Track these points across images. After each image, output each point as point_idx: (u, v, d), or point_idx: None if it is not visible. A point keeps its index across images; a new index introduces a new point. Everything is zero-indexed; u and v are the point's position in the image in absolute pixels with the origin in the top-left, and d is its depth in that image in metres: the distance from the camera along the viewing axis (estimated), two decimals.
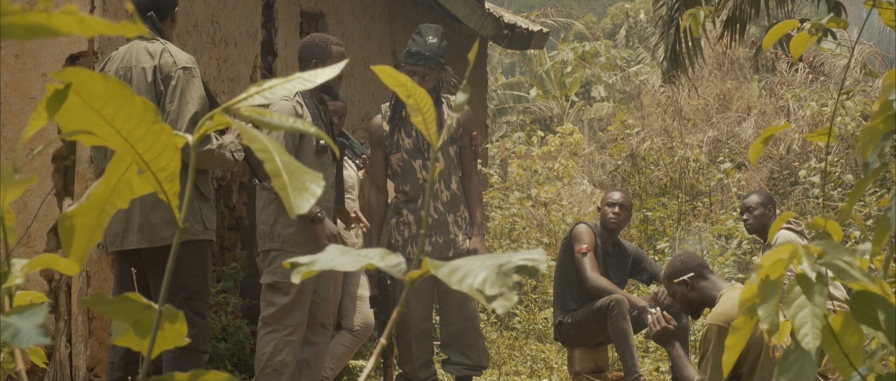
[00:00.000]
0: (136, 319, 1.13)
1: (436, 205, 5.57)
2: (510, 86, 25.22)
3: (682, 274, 4.59)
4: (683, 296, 4.65)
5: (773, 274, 1.30)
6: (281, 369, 4.99)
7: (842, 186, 9.56)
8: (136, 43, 4.48)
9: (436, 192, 5.57)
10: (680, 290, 4.63)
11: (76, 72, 1.04)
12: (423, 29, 5.52)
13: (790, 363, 1.28)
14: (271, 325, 4.99)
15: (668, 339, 4.83)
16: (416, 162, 5.55)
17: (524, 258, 1.12)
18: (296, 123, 1.11)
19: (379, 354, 1.21)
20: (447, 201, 5.61)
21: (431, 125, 1.19)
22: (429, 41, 5.42)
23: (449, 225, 5.61)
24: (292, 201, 1.05)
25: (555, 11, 27.25)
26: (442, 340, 5.74)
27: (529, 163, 13.72)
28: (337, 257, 1.14)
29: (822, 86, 11.27)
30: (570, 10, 30.82)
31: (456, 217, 5.64)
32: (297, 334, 5.00)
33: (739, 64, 14.62)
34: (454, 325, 5.62)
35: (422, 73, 5.40)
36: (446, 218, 5.60)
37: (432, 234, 5.57)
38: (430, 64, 5.40)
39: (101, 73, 1.05)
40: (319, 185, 1.07)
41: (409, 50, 5.45)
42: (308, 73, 1.13)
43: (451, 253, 5.58)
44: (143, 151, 1.07)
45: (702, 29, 3.51)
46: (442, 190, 5.60)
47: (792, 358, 1.28)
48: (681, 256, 4.72)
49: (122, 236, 4.43)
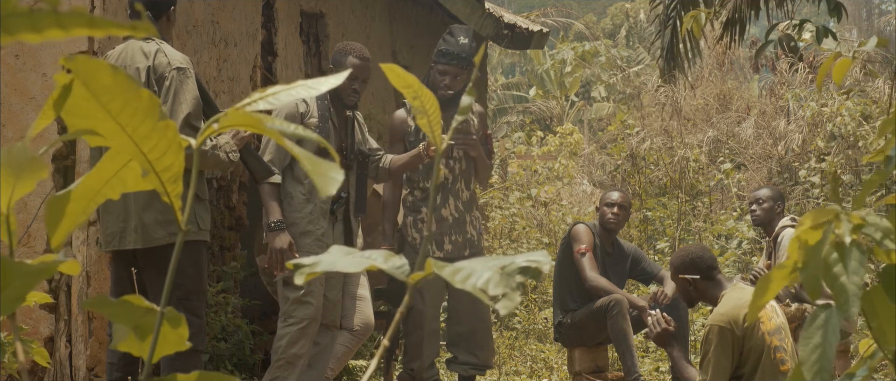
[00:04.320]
0: (137, 322, 1.13)
1: (456, 204, 5.62)
2: (510, 86, 25.23)
3: (689, 273, 4.59)
4: (685, 289, 4.66)
5: (811, 240, 1.29)
6: (294, 361, 5.05)
7: (841, 186, 9.56)
8: (132, 42, 4.47)
9: (456, 191, 5.62)
10: (682, 284, 4.64)
11: (85, 60, 1.03)
12: (455, 29, 5.56)
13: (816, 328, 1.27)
14: (286, 318, 5.07)
15: (667, 340, 4.83)
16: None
17: (528, 260, 1.12)
18: (296, 129, 1.11)
19: (381, 354, 1.21)
20: (466, 201, 5.66)
21: (437, 128, 1.19)
22: (461, 41, 5.46)
23: (466, 224, 5.66)
24: (319, 185, 1.05)
25: (555, 11, 27.27)
26: (449, 338, 5.75)
27: (529, 163, 13.72)
28: (340, 259, 1.14)
29: (822, 86, 11.26)
30: (570, 10, 30.84)
31: (472, 217, 5.69)
32: (311, 327, 5.07)
33: (739, 64, 14.63)
34: (465, 324, 5.65)
35: (454, 72, 5.44)
36: (465, 217, 5.65)
37: (452, 232, 5.62)
38: (462, 64, 5.44)
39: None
40: (339, 173, 1.07)
41: (441, 49, 5.48)
42: (313, 80, 1.13)
43: (468, 252, 5.61)
44: (147, 150, 1.06)
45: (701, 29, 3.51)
46: (462, 190, 5.65)
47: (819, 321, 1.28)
48: (694, 251, 4.69)
49: (119, 235, 4.42)
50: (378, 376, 6.36)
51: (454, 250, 5.60)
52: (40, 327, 5.36)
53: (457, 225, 5.62)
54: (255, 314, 6.57)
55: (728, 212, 10.14)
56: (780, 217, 6.34)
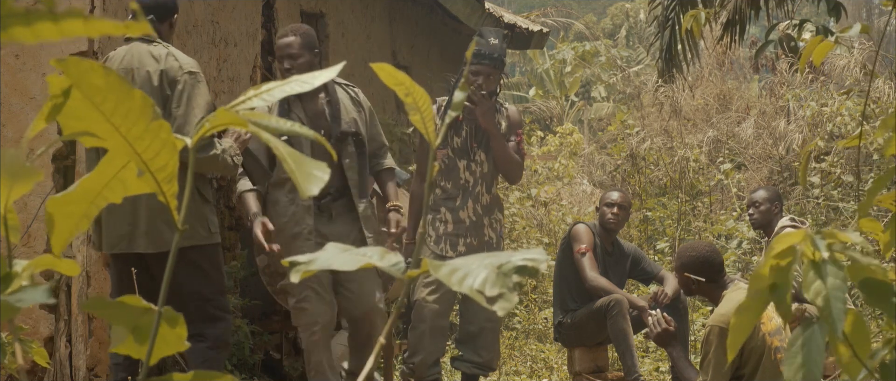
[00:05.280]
0: (136, 323, 1.13)
1: (476, 207, 5.67)
2: (510, 86, 25.22)
3: (697, 274, 4.59)
4: (686, 285, 4.67)
5: (783, 261, 1.30)
6: (319, 368, 5.06)
7: (841, 186, 9.56)
8: (137, 45, 4.45)
9: (476, 194, 5.67)
10: (686, 281, 4.64)
11: (77, 62, 1.03)
12: (485, 31, 5.68)
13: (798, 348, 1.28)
14: (297, 329, 5.17)
15: (668, 340, 4.83)
16: (461, 162, 5.66)
17: (524, 258, 1.12)
18: (294, 126, 1.11)
19: (377, 352, 1.21)
20: (486, 205, 5.70)
21: (429, 124, 1.19)
22: (491, 42, 5.60)
23: (484, 228, 5.70)
24: (301, 185, 1.05)
25: (555, 11, 27.26)
26: (459, 337, 5.78)
27: (529, 163, 13.71)
28: (335, 256, 1.14)
29: (822, 86, 11.27)
30: (570, 10, 30.82)
31: (491, 220, 5.72)
32: (319, 333, 5.02)
33: (739, 64, 14.63)
34: (474, 324, 5.69)
35: (487, 72, 5.58)
36: (483, 221, 5.70)
37: (468, 235, 5.66)
38: (495, 64, 5.59)
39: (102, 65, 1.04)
40: (325, 172, 1.07)
41: (477, 51, 5.58)
42: (307, 75, 1.13)
43: None
44: (141, 150, 1.07)
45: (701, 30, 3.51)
46: (483, 193, 5.69)
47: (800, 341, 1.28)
48: (704, 253, 4.65)
49: (127, 238, 4.42)
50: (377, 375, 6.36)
51: (468, 253, 5.61)
52: (40, 327, 5.36)
53: (473, 228, 5.66)
54: (255, 314, 6.58)
55: (728, 212, 10.14)
56: (778, 218, 6.33)
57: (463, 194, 5.66)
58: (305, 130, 1.09)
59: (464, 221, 5.64)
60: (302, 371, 6.51)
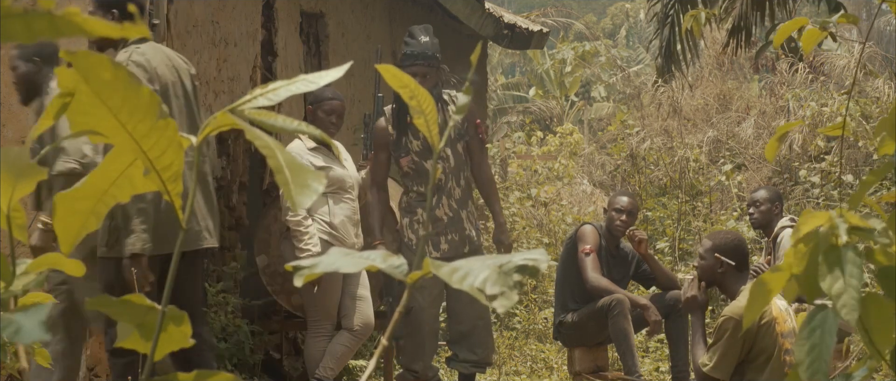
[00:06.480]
0: (140, 321, 1.14)
1: (450, 203, 5.61)
2: (510, 86, 25.22)
3: (729, 257, 4.60)
4: (711, 269, 4.66)
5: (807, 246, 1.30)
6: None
7: (841, 186, 9.57)
8: (153, 44, 4.35)
9: (448, 189, 5.61)
10: (713, 264, 4.64)
11: (86, 55, 1.02)
12: (414, 30, 5.59)
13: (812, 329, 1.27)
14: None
15: (694, 308, 4.83)
16: (427, 163, 5.59)
17: (525, 258, 1.12)
18: (300, 125, 1.12)
19: (379, 354, 1.21)
20: (459, 198, 5.64)
21: (433, 127, 1.19)
22: (422, 40, 5.50)
23: (463, 221, 5.65)
24: (294, 197, 1.05)
25: (555, 11, 27.27)
26: (452, 337, 5.76)
27: (529, 163, 13.71)
28: (338, 260, 1.14)
29: (822, 86, 11.27)
30: (570, 10, 30.82)
31: (468, 213, 5.68)
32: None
33: (739, 64, 14.63)
34: (465, 323, 5.65)
35: (422, 72, 5.46)
36: (460, 215, 5.65)
37: (448, 231, 5.61)
38: (429, 62, 5.48)
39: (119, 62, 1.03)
40: (321, 183, 1.07)
41: (406, 52, 5.51)
42: (313, 74, 1.13)
43: (467, 249, 5.61)
44: (147, 148, 1.07)
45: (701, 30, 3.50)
46: (454, 187, 5.63)
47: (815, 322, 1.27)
48: (736, 239, 4.69)
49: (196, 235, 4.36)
50: (378, 376, 6.37)
51: (451, 250, 5.60)
52: None
53: (452, 224, 5.61)
54: (255, 314, 6.58)
55: (728, 212, 10.14)
56: (778, 218, 6.33)
57: (436, 192, 5.62)
58: (312, 128, 1.09)
59: (441, 219, 5.60)
60: (302, 371, 6.51)
